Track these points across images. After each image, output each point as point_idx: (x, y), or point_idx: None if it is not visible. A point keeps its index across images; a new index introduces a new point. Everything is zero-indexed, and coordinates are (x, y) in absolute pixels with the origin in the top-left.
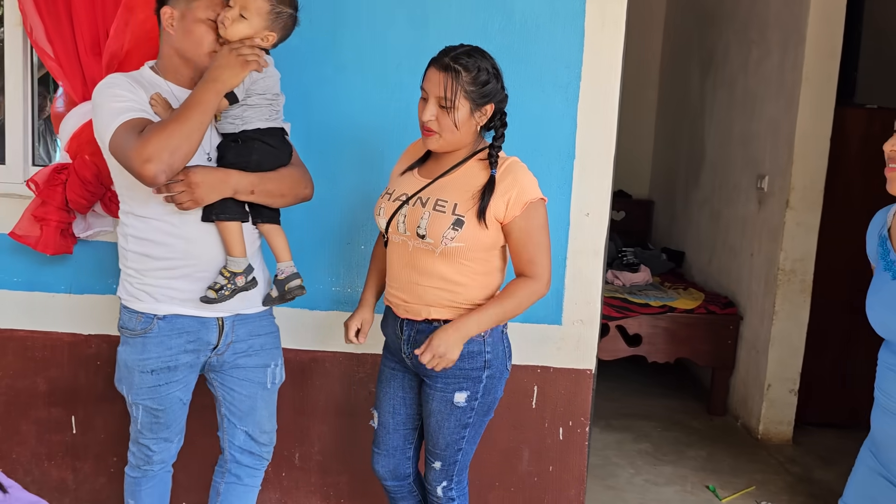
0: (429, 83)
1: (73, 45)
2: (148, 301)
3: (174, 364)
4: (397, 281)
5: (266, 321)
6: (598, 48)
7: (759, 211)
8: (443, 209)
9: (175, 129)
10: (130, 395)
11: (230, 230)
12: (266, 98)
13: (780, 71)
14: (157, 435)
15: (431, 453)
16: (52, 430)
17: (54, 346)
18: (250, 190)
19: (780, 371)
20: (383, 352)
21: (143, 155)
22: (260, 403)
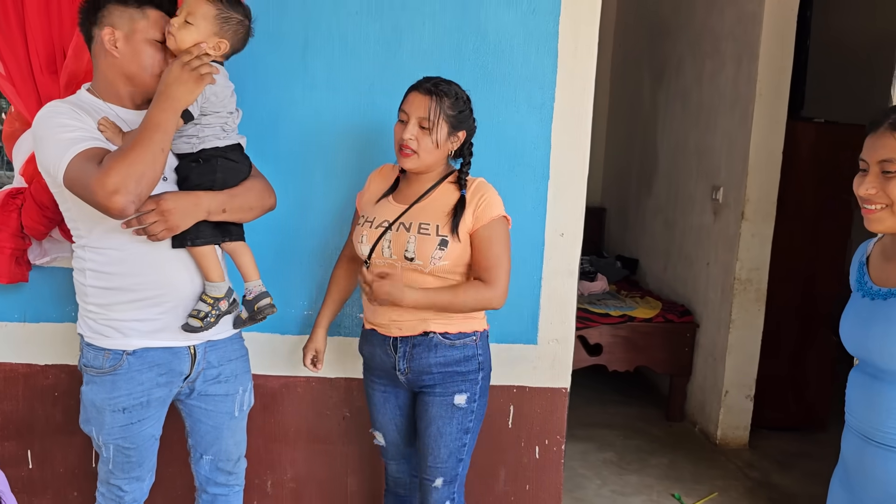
0: (410, 105)
1: (27, 64)
2: (115, 337)
3: (146, 399)
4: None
5: (236, 345)
6: (572, 69)
7: (714, 221)
8: (427, 231)
9: (137, 156)
10: (101, 435)
11: (205, 255)
12: (220, 115)
13: (735, 85)
14: (128, 474)
15: (431, 470)
16: (6, 465)
17: (7, 378)
18: (222, 209)
19: (737, 377)
20: (367, 375)
21: (108, 187)
22: (226, 433)
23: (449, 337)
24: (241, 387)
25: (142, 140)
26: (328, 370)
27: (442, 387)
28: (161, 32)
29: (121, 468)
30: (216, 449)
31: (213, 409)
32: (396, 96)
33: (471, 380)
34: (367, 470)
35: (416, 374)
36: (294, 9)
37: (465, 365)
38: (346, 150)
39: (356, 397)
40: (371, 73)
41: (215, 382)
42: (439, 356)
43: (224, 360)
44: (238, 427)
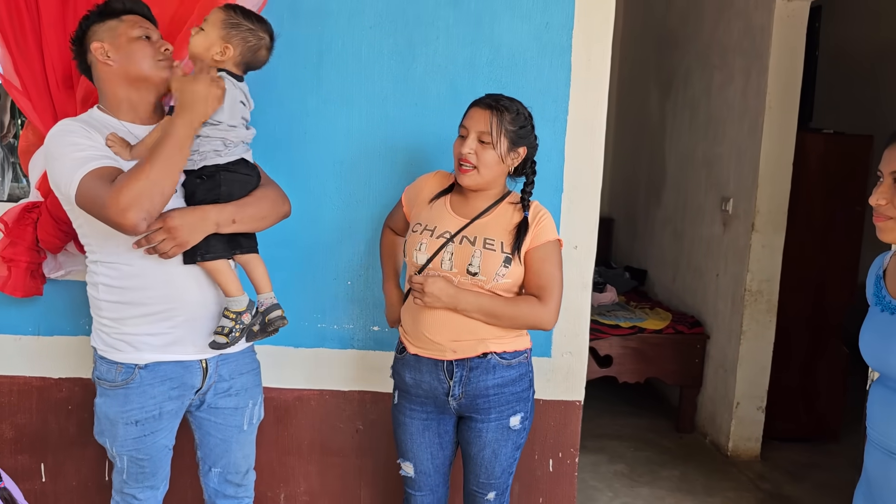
0: (471, 120)
1: (43, 79)
2: (127, 351)
3: (158, 413)
4: (441, 321)
5: (248, 358)
6: (585, 83)
7: (724, 232)
8: (492, 247)
9: (150, 172)
10: (114, 447)
11: (219, 270)
12: (219, 127)
13: (744, 97)
14: (142, 484)
15: (484, 486)
16: (19, 478)
17: (21, 391)
18: (231, 220)
19: (749, 389)
20: (404, 403)
21: (121, 204)
22: (234, 446)
23: (506, 357)
24: (251, 400)
25: (156, 156)
26: (341, 383)
27: (497, 410)
28: (141, 29)
29: (135, 478)
30: (225, 462)
31: (222, 423)
32: (411, 109)
33: (524, 399)
34: (380, 483)
35: (471, 399)
36: (309, 23)
37: (518, 384)
38: (360, 164)
39: (369, 410)
40: (385, 86)
41: (225, 395)
42: (497, 377)
43: (235, 374)
44: (247, 440)
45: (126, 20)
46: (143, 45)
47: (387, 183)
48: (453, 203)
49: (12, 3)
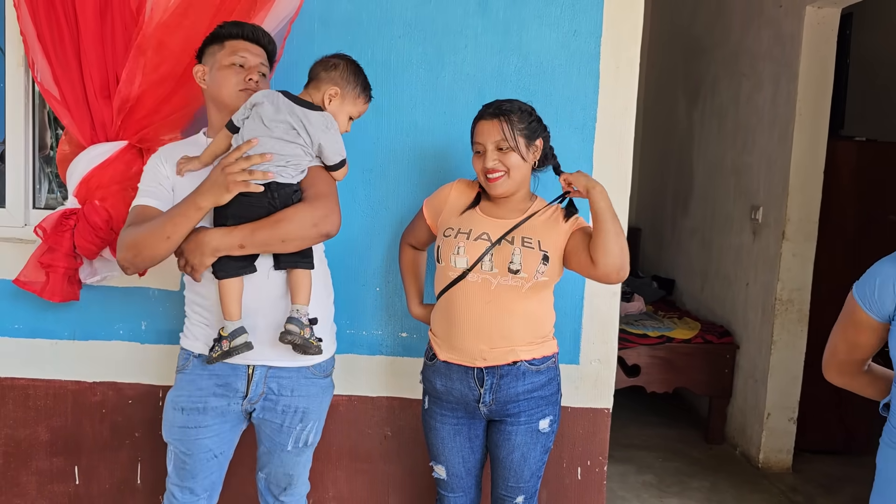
0: (482, 135)
1: (81, 89)
2: (190, 339)
3: (203, 406)
4: (476, 326)
5: (307, 381)
6: (613, 90)
7: (753, 241)
8: (531, 245)
9: (146, 235)
10: (165, 433)
11: (224, 289)
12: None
13: (773, 104)
14: (182, 482)
15: (513, 489)
16: (54, 481)
17: (57, 395)
18: (238, 244)
19: (780, 400)
20: (435, 409)
21: (121, 244)
22: (275, 461)
23: (535, 363)
24: (300, 424)
25: (155, 225)
26: (368, 389)
27: (527, 414)
28: (236, 57)
29: (177, 473)
30: (268, 470)
31: (269, 434)
32: (439, 118)
33: (553, 402)
34: (408, 489)
35: (502, 405)
36: (338, 32)
37: (547, 388)
38: (389, 171)
39: (397, 416)
40: (414, 94)
41: (273, 410)
42: (527, 384)
43: (286, 392)
44: (291, 461)
45: (227, 46)
46: (232, 73)
47: (415, 190)
48: (484, 209)
49: (52, 15)
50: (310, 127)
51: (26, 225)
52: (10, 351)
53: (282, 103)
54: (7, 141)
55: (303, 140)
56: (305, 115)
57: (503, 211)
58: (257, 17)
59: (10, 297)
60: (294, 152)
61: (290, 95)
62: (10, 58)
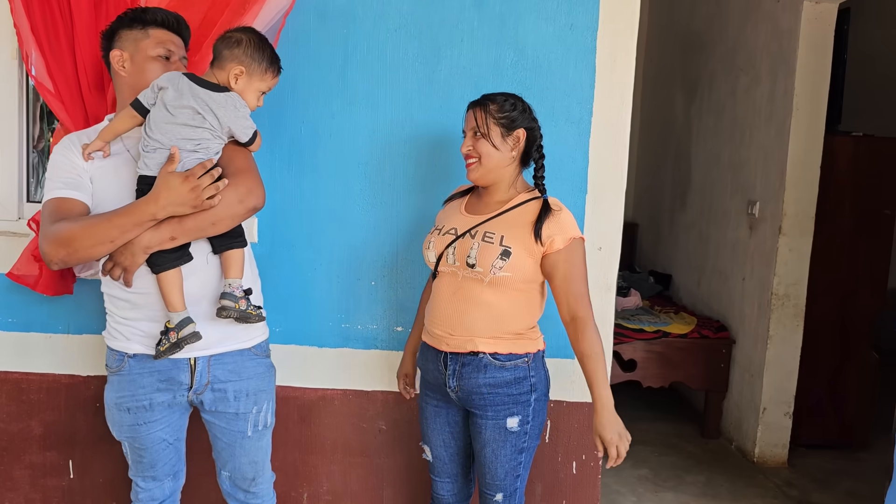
0: (466, 122)
1: (75, 82)
2: (120, 339)
3: (149, 403)
4: (442, 313)
5: (251, 362)
6: (609, 84)
7: (750, 236)
8: (490, 240)
9: (85, 234)
10: (115, 432)
11: (164, 282)
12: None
13: (770, 99)
14: (143, 473)
15: (490, 486)
16: (47, 475)
17: (50, 389)
18: (169, 237)
19: (775, 394)
20: (422, 388)
21: (51, 238)
22: (238, 451)
23: (499, 358)
24: (255, 406)
25: (96, 226)
26: (363, 383)
27: (493, 409)
28: (162, 49)
29: (136, 465)
30: (231, 466)
31: (225, 427)
32: (435, 112)
33: (522, 402)
34: (403, 483)
35: (466, 394)
36: (335, 26)
37: (515, 387)
38: (385, 166)
39: (392, 410)
40: (410, 88)
41: (224, 399)
42: (489, 377)
43: (233, 377)
44: (253, 447)
45: (152, 35)
46: (158, 66)
47: (411, 185)
48: (468, 205)
49: (46, 7)
50: (217, 109)
51: (20, 218)
52: (4, 344)
53: (185, 87)
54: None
55: (209, 123)
56: (210, 98)
57: (483, 206)
58: (252, 9)
59: (3, 290)
60: (202, 136)
61: (194, 77)
62: (4, 50)
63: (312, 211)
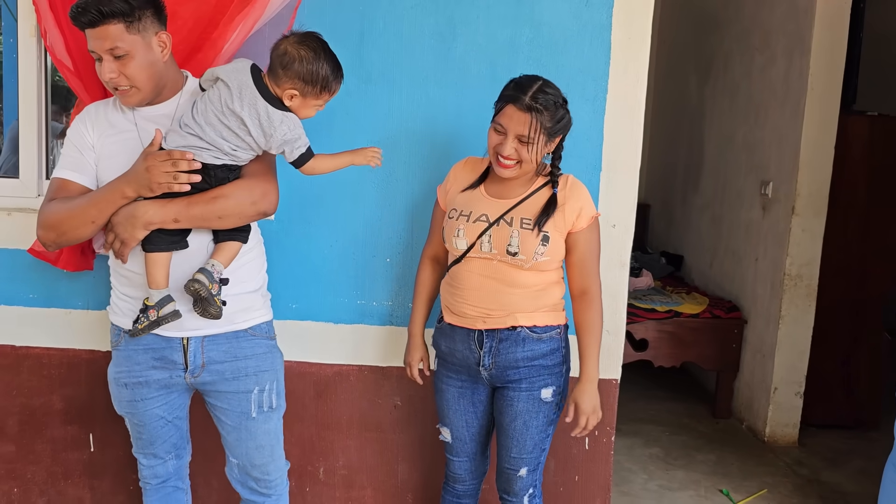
0: (510, 121)
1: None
2: (119, 315)
3: (144, 380)
4: (476, 295)
5: (248, 342)
6: (625, 61)
7: (763, 217)
8: (529, 226)
9: (69, 216)
10: (116, 407)
11: (150, 259)
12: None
13: (786, 79)
14: (143, 450)
15: (516, 461)
16: (68, 449)
17: (71, 363)
18: (173, 218)
19: (787, 374)
20: (442, 371)
21: (41, 222)
22: (244, 435)
23: (536, 331)
24: (256, 386)
25: (79, 207)
26: (380, 359)
27: (528, 381)
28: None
29: (137, 442)
30: (239, 452)
31: (227, 408)
32: (451, 89)
33: (556, 373)
34: (417, 458)
35: (501, 370)
36: (350, 3)
37: (550, 358)
38: (401, 143)
39: (407, 386)
40: (426, 66)
41: (222, 379)
42: (527, 350)
43: (229, 357)
44: (260, 430)
45: (88, 34)
46: (98, 68)
47: (426, 163)
48: (488, 188)
49: None
50: (268, 127)
51: (40, 195)
52: (25, 320)
53: (246, 93)
54: (20, 112)
55: (253, 139)
56: (268, 115)
57: (505, 189)
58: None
59: (25, 266)
60: (239, 144)
61: (260, 84)
62: (23, 28)
63: (328, 188)
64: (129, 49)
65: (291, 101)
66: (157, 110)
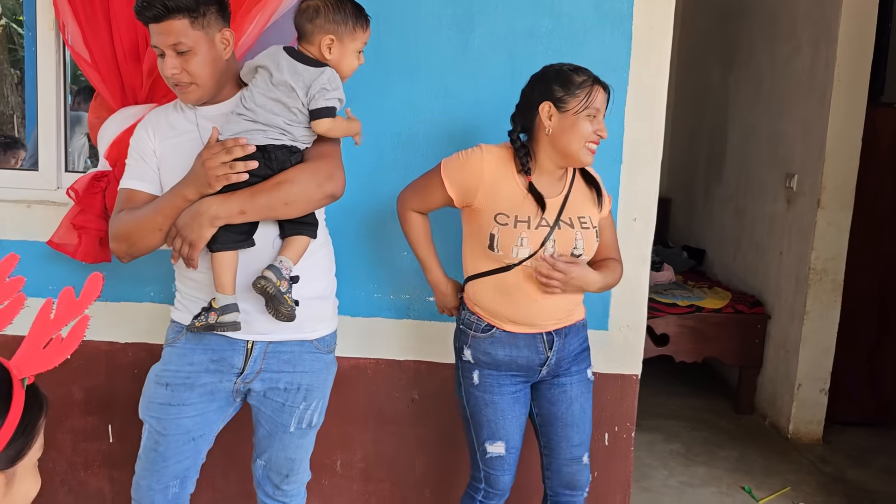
0: (601, 100)
1: (111, 51)
2: (184, 311)
3: (192, 382)
4: (545, 302)
5: (310, 356)
6: (646, 52)
7: (788, 210)
8: (587, 225)
9: (137, 226)
10: (142, 410)
11: (217, 261)
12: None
13: (811, 70)
14: (151, 465)
15: (579, 448)
16: (88, 439)
17: (90, 355)
18: (239, 211)
19: (811, 370)
20: (489, 381)
21: (112, 234)
22: (277, 445)
23: (585, 318)
24: (304, 402)
25: (145, 216)
26: (397, 353)
27: (577, 364)
28: (156, 48)
29: (147, 455)
30: (267, 456)
31: (269, 415)
32: (469, 79)
33: (588, 350)
34: (435, 453)
35: (560, 362)
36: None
37: (586, 338)
38: (418, 135)
39: (425, 380)
40: (444, 57)
41: (273, 389)
42: (580, 337)
43: (287, 368)
44: (293, 444)
45: (151, 28)
46: (160, 64)
47: (444, 154)
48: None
49: None
50: (310, 80)
51: (59, 188)
52: None
53: (283, 62)
54: (39, 104)
55: (301, 102)
56: (307, 72)
57: (546, 184)
58: None
59: (44, 258)
60: (291, 118)
61: (292, 52)
62: (42, 22)
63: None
64: (193, 45)
65: (330, 53)
66: (218, 109)
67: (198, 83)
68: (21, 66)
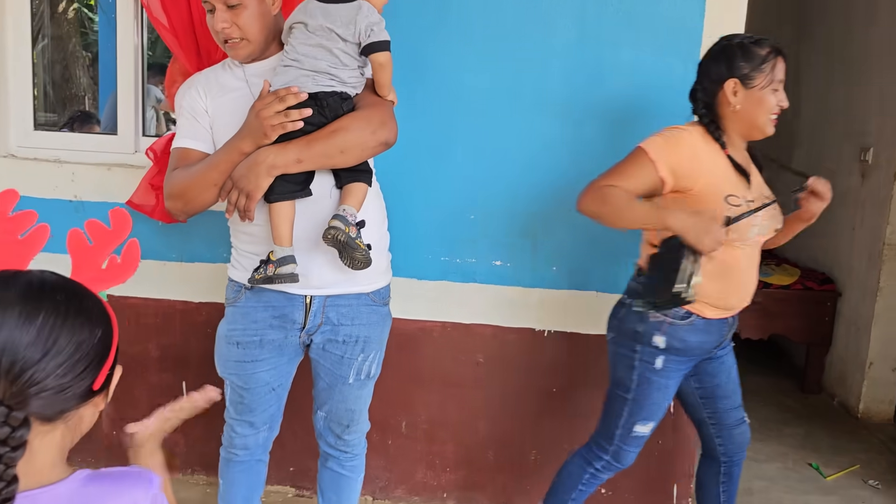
0: (780, 73)
1: (188, 16)
2: (241, 270)
3: (259, 339)
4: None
5: (367, 308)
6: (720, 17)
7: (862, 184)
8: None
9: (193, 183)
10: (219, 368)
11: (275, 212)
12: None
13: (889, 38)
14: (241, 416)
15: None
16: (163, 395)
17: (166, 314)
18: (295, 159)
19: (883, 349)
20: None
21: (167, 192)
22: (336, 396)
23: None
24: (362, 354)
25: (200, 172)
26: (462, 316)
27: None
28: (206, 3)
29: (235, 407)
30: (328, 407)
31: (329, 368)
32: (537, 44)
33: None
34: (497, 416)
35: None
36: None
37: None
38: (485, 102)
39: (489, 344)
40: (511, 19)
41: (332, 341)
42: None
43: (346, 321)
44: (353, 395)
45: None
46: (209, 19)
47: (511, 121)
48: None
49: None
50: (349, 19)
51: (136, 151)
52: None
53: (315, 9)
54: (119, 71)
55: (342, 43)
56: (340, 10)
57: (744, 160)
58: None
59: None
60: (335, 61)
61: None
62: None
63: (414, 145)
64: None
65: None
66: (266, 65)
67: (248, 38)
68: (92, 49)
